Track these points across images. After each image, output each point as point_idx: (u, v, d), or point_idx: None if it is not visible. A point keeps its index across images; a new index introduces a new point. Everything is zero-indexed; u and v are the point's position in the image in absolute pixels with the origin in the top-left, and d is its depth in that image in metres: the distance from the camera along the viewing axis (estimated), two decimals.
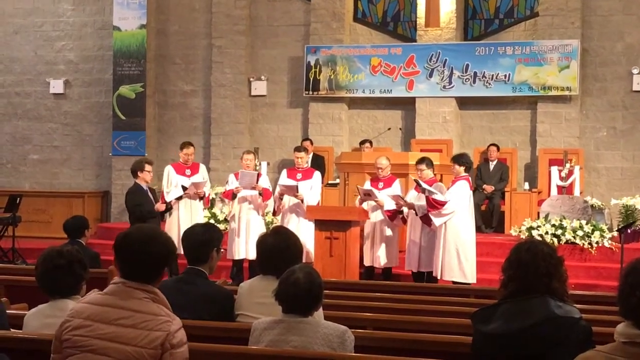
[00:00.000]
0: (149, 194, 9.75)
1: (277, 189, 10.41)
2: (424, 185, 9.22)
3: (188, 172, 10.56)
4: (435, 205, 9.14)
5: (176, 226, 10.11)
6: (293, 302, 3.84)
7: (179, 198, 10.27)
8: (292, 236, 4.66)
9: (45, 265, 4.11)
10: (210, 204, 11.18)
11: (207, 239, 4.62)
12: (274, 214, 10.82)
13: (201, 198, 10.46)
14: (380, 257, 9.92)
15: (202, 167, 10.95)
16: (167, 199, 10.20)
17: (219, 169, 14.28)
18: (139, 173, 9.63)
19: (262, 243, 4.61)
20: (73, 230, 7.76)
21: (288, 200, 10.34)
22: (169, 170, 10.65)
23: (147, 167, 9.69)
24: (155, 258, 3.32)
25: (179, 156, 10.77)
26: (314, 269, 4.02)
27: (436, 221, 9.20)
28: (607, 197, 12.56)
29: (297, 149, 10.74)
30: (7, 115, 15.64)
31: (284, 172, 10.73)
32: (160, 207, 9.68)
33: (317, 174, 10.61)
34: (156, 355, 3.18)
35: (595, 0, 13.11)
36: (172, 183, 10.42)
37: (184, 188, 10.24)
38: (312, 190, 10.34)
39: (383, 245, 9.93)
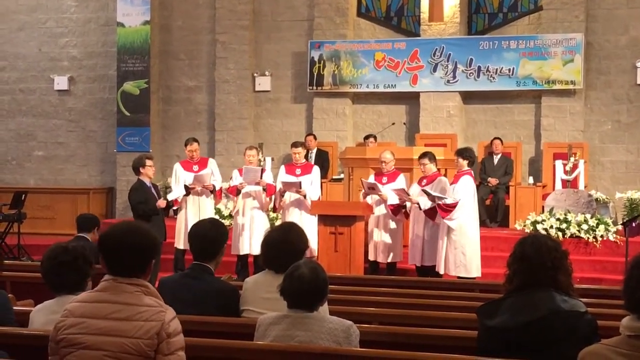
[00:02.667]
0: (153, 190, 9.74)
1: (278, 186, 10.39)
2: (433, 193, 9.19)
3: (196, 167, 10.53)
4: (447, 209, 9.12)
5: (183, 223, 10.11)
6: (298, 297, 3.84)
7: (187, 194, 10.27)
8: (297, 231, 4.66)
9: (51, 261, 4.13)
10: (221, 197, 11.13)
11: (216, 235, 4.63)
12: (274, 210, 10.76)
13: (212, 192, 10.44)
14: (384, 252, 9.92)
15: (212, 162, 10.88)
16: (169, 198, 10.20)
17: (223, 164, 14.22)
18: (140, 169, 9.63)
19: (267, 238, 4.62)
20: (84, 223, 7.77)
21: (289, 196, 10.33)
22: (176, 167, 10.65)
23: (148, 163, 9.67)
24: (136, 251, 3.33)
25: (185, 153, 10.76)
26: (319, 264, 4.02)
27: (451, 224, 9.17)
28: (612, 190, 12.55)
29: (295, 145, 10.68)
30: (11, 112, 15.65)
31: (282, 169, 10.70)
32: (161, 203, 9.67)
33: (315, 169, 10.59)
34: (153, 345, 3.20)
35: None
36: (179, 180, 10.42)
37: (186, 187, 10.23)
38: (312, 185, 10.33)
39: (387, 240, 9.93)
